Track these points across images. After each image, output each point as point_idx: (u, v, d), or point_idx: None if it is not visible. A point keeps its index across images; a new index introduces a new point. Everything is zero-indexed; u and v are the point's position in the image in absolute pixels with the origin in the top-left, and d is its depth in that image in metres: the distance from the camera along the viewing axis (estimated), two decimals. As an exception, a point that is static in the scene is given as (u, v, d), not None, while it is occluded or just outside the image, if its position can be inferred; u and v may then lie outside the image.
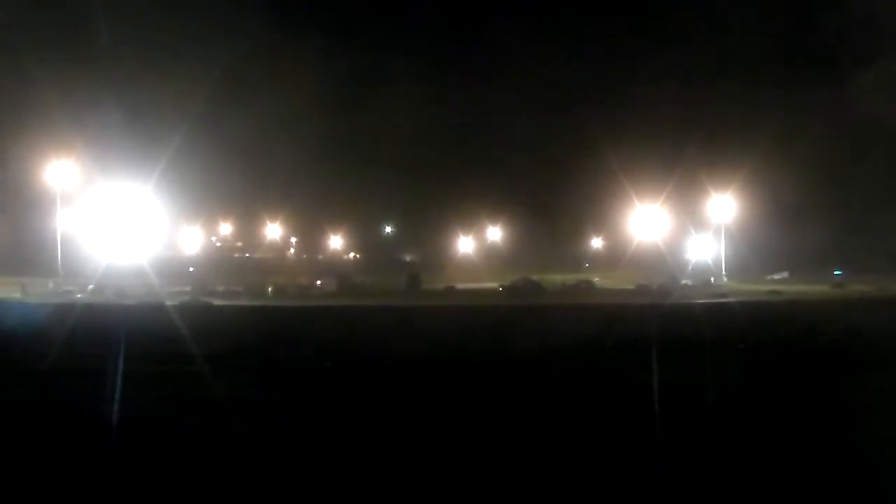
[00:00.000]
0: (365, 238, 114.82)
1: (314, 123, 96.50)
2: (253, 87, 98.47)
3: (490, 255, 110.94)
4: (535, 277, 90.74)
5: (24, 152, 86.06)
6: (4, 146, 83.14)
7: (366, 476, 12.35)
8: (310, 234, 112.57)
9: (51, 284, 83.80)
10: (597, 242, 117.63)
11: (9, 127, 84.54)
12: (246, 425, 15.78)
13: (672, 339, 29.97)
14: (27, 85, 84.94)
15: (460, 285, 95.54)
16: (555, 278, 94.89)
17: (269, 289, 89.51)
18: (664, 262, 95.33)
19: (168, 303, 59.03)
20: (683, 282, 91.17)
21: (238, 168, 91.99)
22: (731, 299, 64.99)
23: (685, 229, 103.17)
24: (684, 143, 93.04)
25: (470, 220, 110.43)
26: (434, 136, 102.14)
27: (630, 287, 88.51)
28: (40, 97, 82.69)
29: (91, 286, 78.80)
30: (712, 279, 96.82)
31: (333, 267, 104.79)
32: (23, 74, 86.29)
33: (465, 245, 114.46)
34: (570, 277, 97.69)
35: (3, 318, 43.44)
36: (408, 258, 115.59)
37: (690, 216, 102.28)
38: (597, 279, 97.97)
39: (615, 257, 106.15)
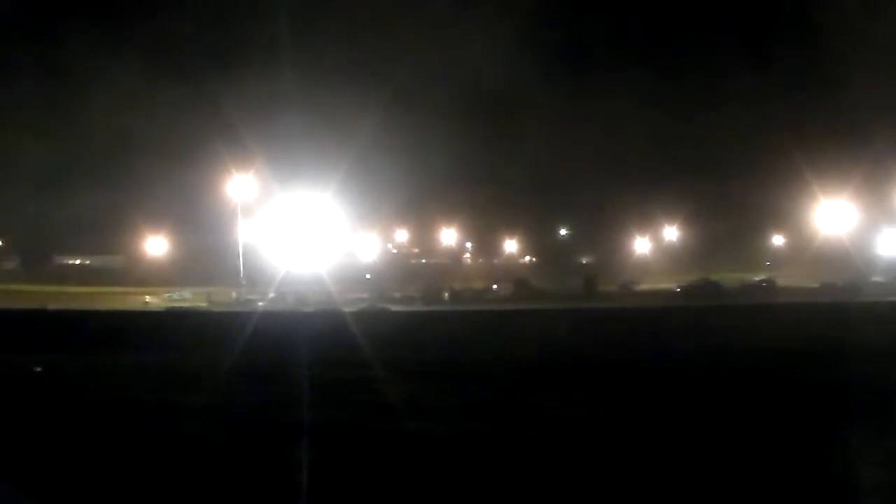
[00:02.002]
0: (540, 241, 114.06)
1: (486, 126, 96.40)
2: (424, 94, 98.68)
3: (667, 255, 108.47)
4: (714, 277, 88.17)
5: (206, 167, 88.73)
6: (187, 161, 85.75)
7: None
8: (485, 239, 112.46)
9: (234, 294, 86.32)
10: (779, 240, 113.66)
11: (191, 143, 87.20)
12: (422, 430, 15.16)
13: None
14: (208, 101, 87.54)
15: (637, 286, 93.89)
16: (735, 278, 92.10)
17: (446, 294, 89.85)
18: (850, 258, 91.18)
19: (346, 309, 59.59)
20: (874, 278, 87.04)
21: (413, 175, 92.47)
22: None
23: (874, 223, 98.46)
24: (872, 132, 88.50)
25: (646, 221, 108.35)
26: (610, 136, 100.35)
27: (814, 285, 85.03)
28: (220, 112, 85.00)
29: (272, 294, 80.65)
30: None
31: (509, 271, 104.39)
32: (203, 91, 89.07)
33: (641, 246, 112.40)
34: (750, 276, 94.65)
35: (193, 326, 44.73)
36: (584, 260, 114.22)
37: (880, 209, 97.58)
38: (779, 278, 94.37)
39: (798, 255, 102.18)
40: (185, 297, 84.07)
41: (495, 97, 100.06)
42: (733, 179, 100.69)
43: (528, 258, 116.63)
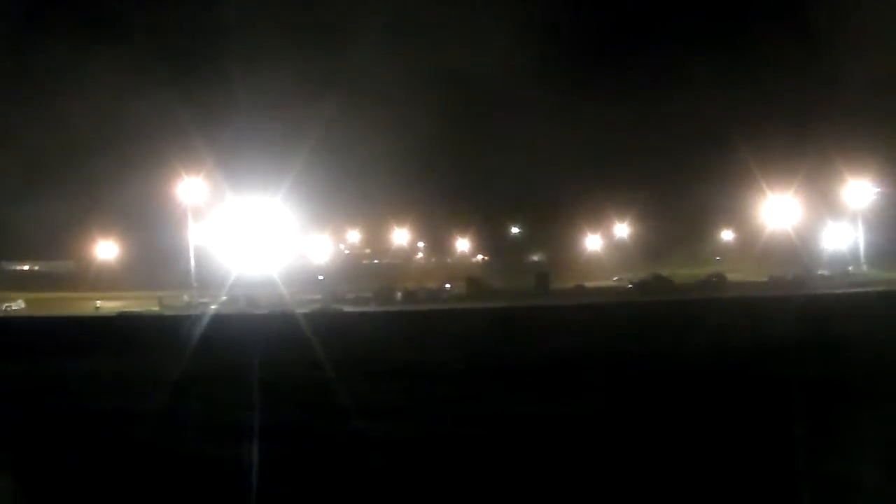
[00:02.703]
0: (492, 240, 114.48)
1: (437, 126, 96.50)
2: (373, 95, 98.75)
3: (618, 252, 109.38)
4: (664, 273, 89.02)
5: (156, 170, 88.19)
6: (137, 164, 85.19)
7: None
8: (437, 238, 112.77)
9: (185, 297, 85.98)
10: (727, 235, 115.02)
11: (140, 145, 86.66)
12: (372, 429, 15.28)
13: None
14: (157, 103, 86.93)
15: (589, 283, 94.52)
16: (685, 273, 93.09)
17: (399, 294, 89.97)
18: (798, 252, 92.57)
19: (299, 311, 59.52)
20: (819, 272, 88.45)
21: (363, 175, 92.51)
22: (871, 289, 62.26)
23: (820, 218, 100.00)
24: (816, 128, 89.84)
25: (596, 218, 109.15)
26: (559, 134, 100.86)
27: (763, 279, 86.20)
28: (169, 114, 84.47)
29: (224, 297, 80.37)
30: (850, 268, 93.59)
31: (462, 270, 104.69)
32: (152, 93, 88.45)
33: (592, 243, 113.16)
34: (700, 272, 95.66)
35: (142, 330, 44.53)
36: (535, 258, 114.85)
37: (825, 204, 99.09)
38: (728, 273, 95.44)
39: (747, 250, 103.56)
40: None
41: (446, 95, 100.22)
42: (683, 176, 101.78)
43: (480, 257, 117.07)
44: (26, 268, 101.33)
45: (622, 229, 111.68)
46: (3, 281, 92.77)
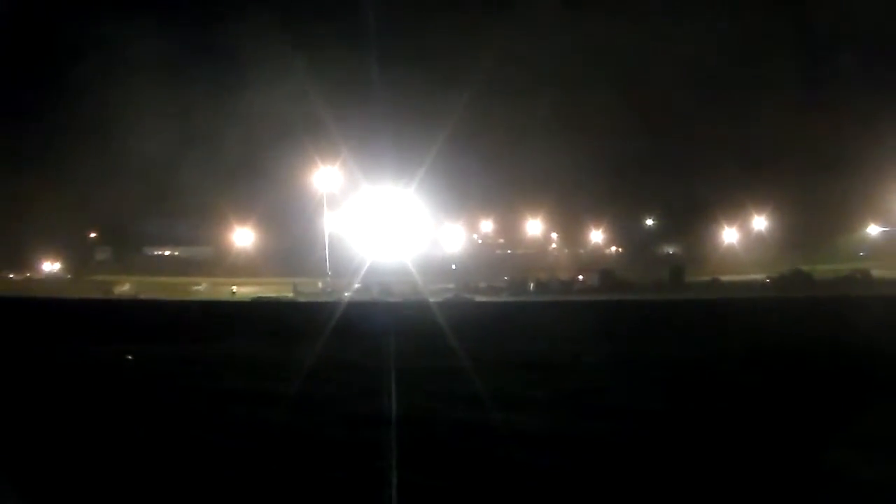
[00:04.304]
0: (626, 231, 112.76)
1: (572, 115, 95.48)
2: (510, 82, 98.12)
3: (756, 246, 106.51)
4: (805, 268, 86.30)
5: (292, 159, 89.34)
6: (274, 153, 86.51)
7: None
8: (571, 229, 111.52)
9: (320, 284, 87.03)
10: (873, 230, 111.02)
11: (277, 135, 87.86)
12: (507, 420, 14.97)
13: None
14: (292, 92, 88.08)
15: (725, 278, 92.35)
16: (826, 269, 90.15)
17: (531, 284, 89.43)
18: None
19: (432, 299, 59.58)
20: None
21: (499, 165, 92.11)
22: None
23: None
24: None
25: (734, 210, 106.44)
26: (696, 124, 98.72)
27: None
28: (305, 103, 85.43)
29: (357, 285, 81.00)
30: None
31: (595, 261, 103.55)
32: (288, 81, 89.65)
33: (729, 236, 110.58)
34: (843, 268, 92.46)
35: (277, 316, 45.12)
36: (670, 251, 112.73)
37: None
38: (874, 269, 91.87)
39: (894, 245, 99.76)
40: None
41: (584, 84, 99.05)
42: (826, 167, 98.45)
43: (613, 249, 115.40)
44: (167, 253, 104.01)
45: (760, 222, 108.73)
46: (145, 265, 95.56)
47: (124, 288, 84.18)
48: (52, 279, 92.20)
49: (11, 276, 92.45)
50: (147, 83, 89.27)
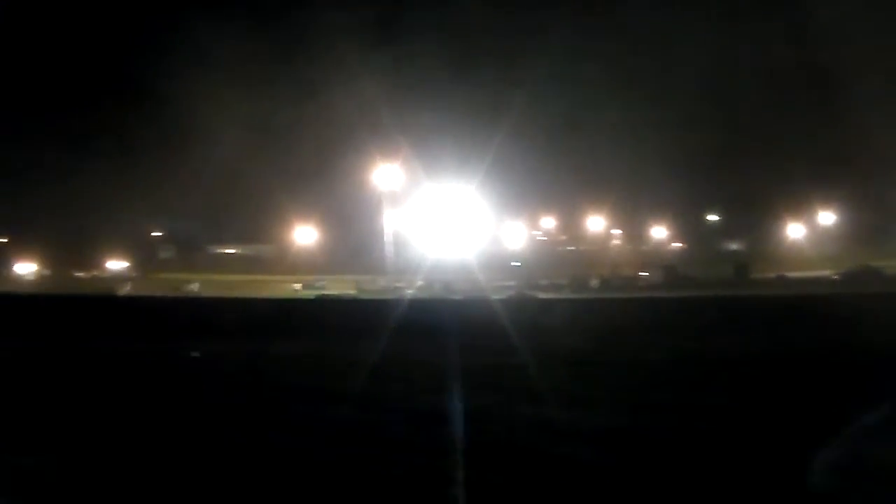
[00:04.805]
0: (689, 227, 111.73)
1: (635, 109, 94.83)
2: (574, 78, 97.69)
3: (823, 241, 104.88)
4: (874, 264, 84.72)
5: (353, 156, 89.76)
6: (335, 151, 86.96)
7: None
8: (633, 225, 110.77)
9: (382, 281, 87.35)
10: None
11: (339, 134, 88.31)
12: (569, 418, 14.91)
13: None
14: (353, 89, 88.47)
15: (791, 274, 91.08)
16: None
17: (594, 281, 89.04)
18: None
19: (494, 297, 59.51)
20: None
21: (561, 161, 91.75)
22: None
23: None
24: None
25: (800, 205, 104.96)
26: (762, 118, 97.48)
27: None
28: (366, 100, 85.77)
29: (419, 282, 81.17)
30: None
31: (658, 258, 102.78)
32: (349, 79, 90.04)
33: (795, 231, 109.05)
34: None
35: (341, 313, 45.37)
36: (734, 247, 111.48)
37: None
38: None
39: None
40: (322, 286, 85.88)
41: (647, 79, 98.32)
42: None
43: (676, 245, 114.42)
44: (231, 251, 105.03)
45: (827, 217, 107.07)
46: (209, 263, 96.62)
47: (193, 286, 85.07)
48: (117, 277, 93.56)
49: (79, 274, 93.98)
50: (210, 82, 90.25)
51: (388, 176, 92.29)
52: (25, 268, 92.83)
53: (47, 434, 13.83)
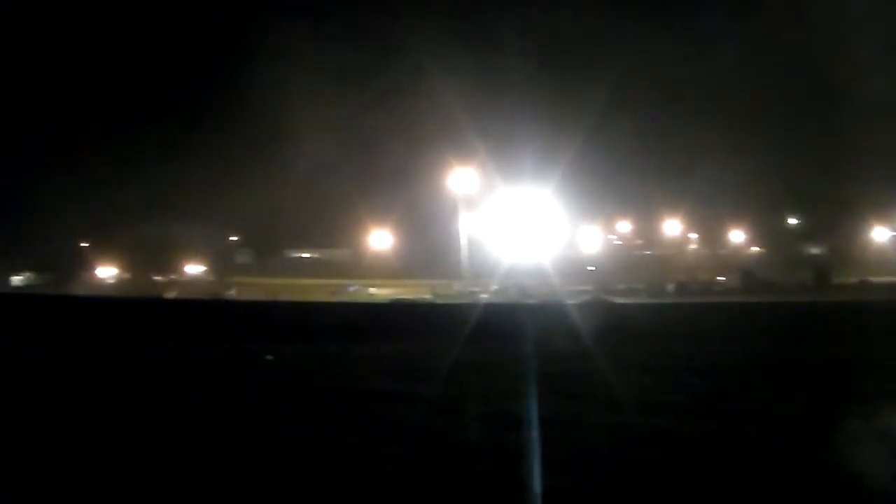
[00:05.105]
0: (768, 231, 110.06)
1: (713, 113, 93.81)
2: (650, 81, 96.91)
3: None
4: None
5: (429, 161, 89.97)
6: (410, 156, 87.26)
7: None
8: (710, 229, 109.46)
9: (457, 286, 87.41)
10: None
11: (414, 137, 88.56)
12: (647, 424, 14.70)
13: None
14: (429, 93, 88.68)
15: (875, 279, 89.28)
16: None
17: (670, 286, 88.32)
18: None
19: (570, 301, 59.25)
20: None
21: (637, 164, 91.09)
22: None
23: None
24: None
25: (884, 208, 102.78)
26: (842, 119, 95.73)
27: None
28: (442, 104, 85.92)
29: (495, 286, 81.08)
30: None
31: (736, 262, 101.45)
32: (424, 83, 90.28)
33: (879, 235, 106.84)
34: None
35: (416, 318, 45.50)
36: (814, 250, 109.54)
37: None
38: None
39: None
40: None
41: (725, 81, 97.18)
42: None
43: (755, 249, 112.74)
44: (306, 255, 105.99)
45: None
46: (286, 268, 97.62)
47: (231, 292, 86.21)
48: (195, 281, 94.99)
49: (157, 278, 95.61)
50: (288, 89, 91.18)
51: (464, 180, 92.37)
52: (106, 271, 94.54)
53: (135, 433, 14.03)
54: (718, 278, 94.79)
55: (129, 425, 14.59)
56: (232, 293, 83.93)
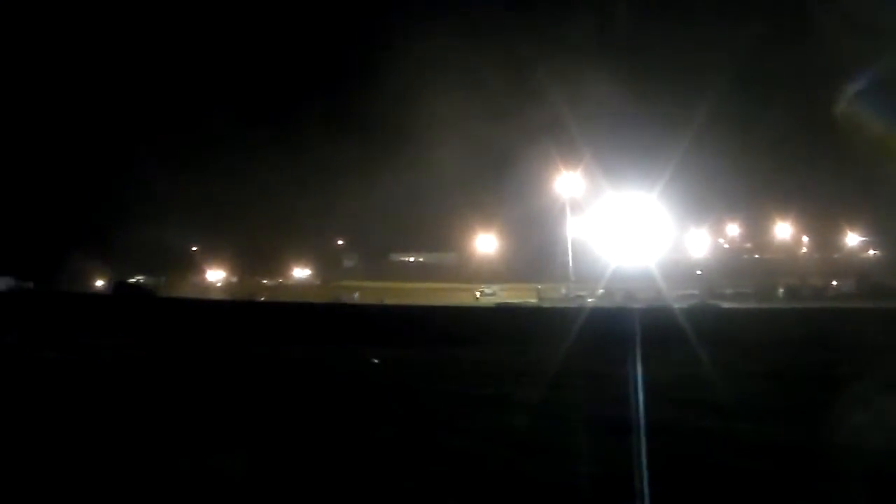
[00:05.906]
0: (885, 233, 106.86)
1: (823, 112, 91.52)
2: (757, 83, 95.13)
3: None
4: None
5: (535, 165, 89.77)
6: (517, 159, 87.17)
7: None
8: (823, 232, 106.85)
9: (563, 289, 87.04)
10: None
11: (521, 142, 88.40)
12: (755, 431, 14.50)
13: None
14: (535, 98, 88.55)
15: None
16: None
17: (781, 290, 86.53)
18: None
19: (676, 306, 58.49)
20: None
21: (746, 167, 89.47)
22: None
23: None
24: None
25: None
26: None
27: None
28: (548, 108, 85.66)
29: (601, 290, 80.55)
30: None
31: (851, 266, 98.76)
32: (530, 87, 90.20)
33: None
34: None
35: (521, 322, 45.45)
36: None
37: None
38: None
39: None
40: (494, 293, 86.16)
41: (834, 81, 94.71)
42: None
43: (871, 252, 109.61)
44: (412, 259, 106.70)
45: None
46: (391, 271, 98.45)
47: (355, 295, 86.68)
48: (301, 284, 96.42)
49: (265, 281, 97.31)
50: (396, 96, 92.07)
51: (570, 184, 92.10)
52: (215, 275, 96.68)
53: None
54: (832, 283, 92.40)
55: (246, 422, 15.08)
56: (356, 297, 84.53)
